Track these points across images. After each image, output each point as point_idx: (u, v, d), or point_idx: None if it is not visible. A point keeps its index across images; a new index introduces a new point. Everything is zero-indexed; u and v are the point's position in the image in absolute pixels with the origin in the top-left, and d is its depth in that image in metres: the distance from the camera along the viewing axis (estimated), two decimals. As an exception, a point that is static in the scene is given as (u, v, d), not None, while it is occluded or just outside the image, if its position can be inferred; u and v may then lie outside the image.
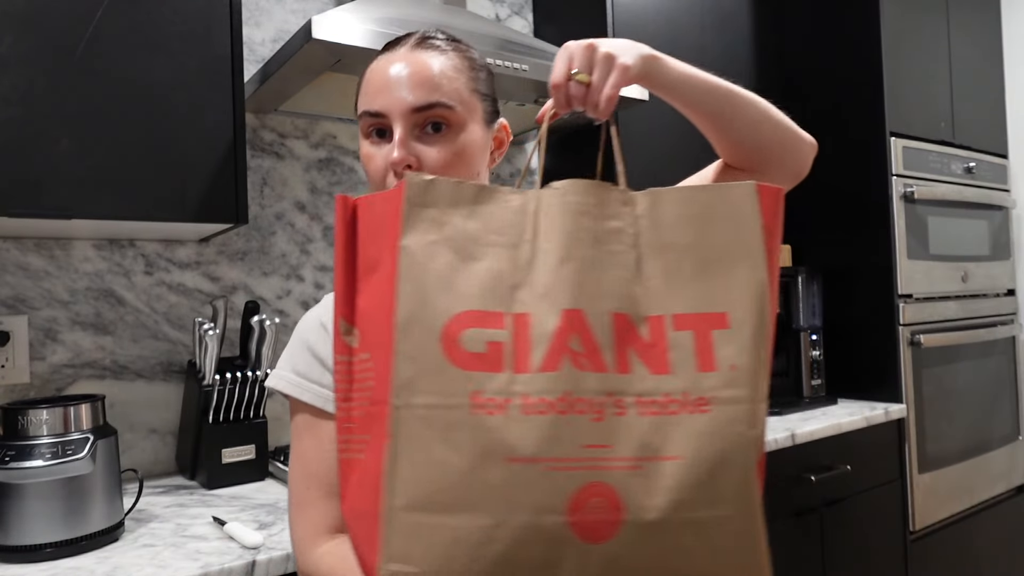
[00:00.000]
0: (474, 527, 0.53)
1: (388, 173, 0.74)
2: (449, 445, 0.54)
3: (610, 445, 0.54)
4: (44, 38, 1.07)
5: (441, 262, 0.57)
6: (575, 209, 0.60)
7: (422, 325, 0.56)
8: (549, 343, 0.56)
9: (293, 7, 1.64)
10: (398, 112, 0.73)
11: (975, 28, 2.43)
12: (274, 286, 1.59)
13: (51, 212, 1.07)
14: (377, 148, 0.75)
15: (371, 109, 0.74)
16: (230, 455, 1.31)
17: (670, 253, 0.60)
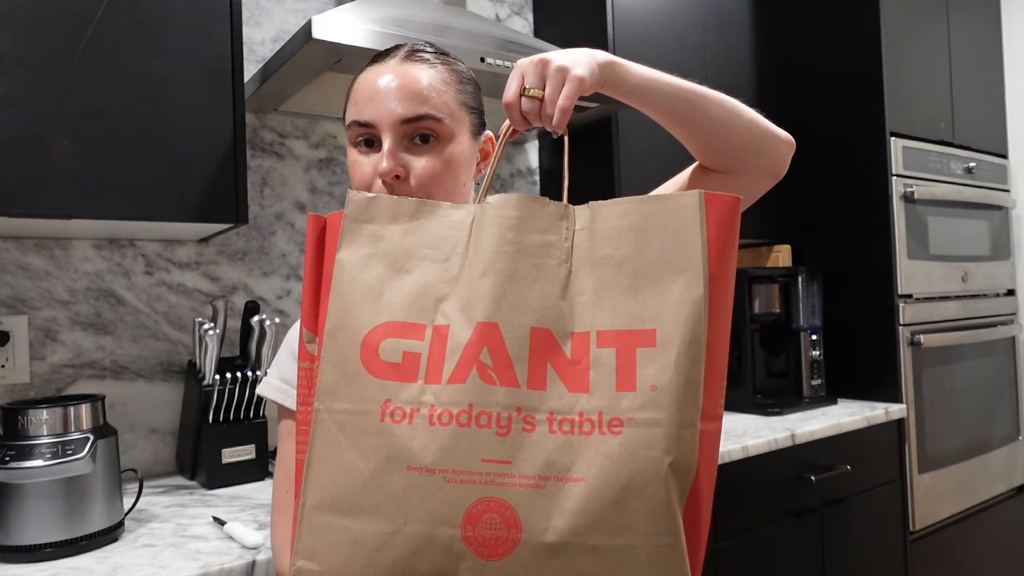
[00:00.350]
0: (373, 531, 0.54)
1: (375, 181, 0.75)
2: (358, 450, 0.55)
3: (509, 461, 0.54)
4: (44, 38, 1.07)
5: (372, 275, 0.59)
6: (505, 223, 0.59)
7: (346, 334, 0.58)
8: (460, 355, 0.56)
9: (293, 7, 1.64)
10: (387, 123, 0.74)
11: (975, 28, 2.43)
12: (274, 286, 1.59)
13: (51, 212, 1.07)
14: (365, 157, 0.77)
15: (360, 119, 0.76)
16: (230, 455, 1.31)
17: (604, 268, 0.58)
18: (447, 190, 0.77)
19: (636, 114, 1.83)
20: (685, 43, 1.96)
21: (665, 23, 1.92)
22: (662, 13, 1.91)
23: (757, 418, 1.84)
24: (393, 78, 0.75)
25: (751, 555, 1.59)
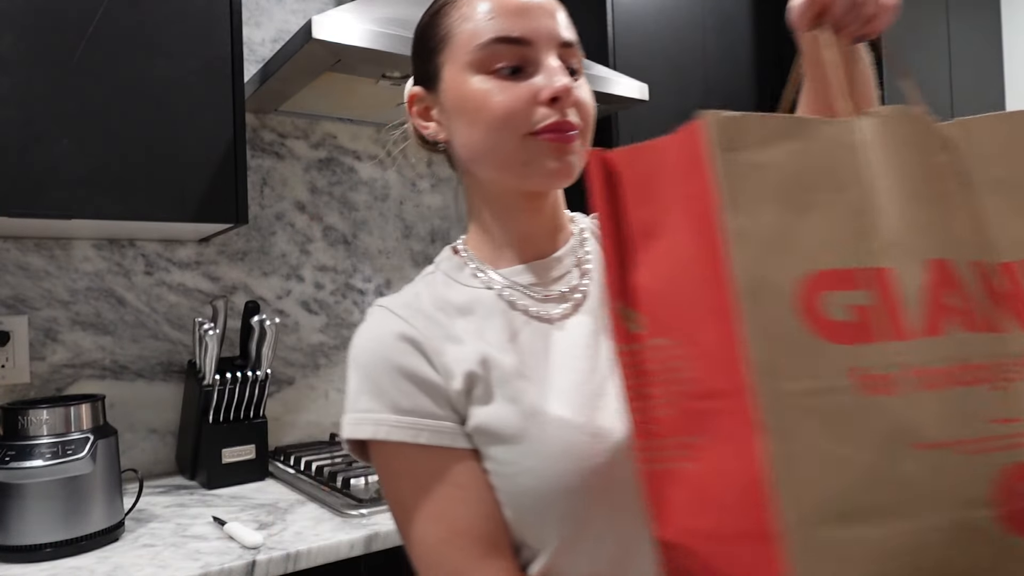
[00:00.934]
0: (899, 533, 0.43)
1: (531, 109, 0.60)
2: (842, 437, 0.43)
3: (1018, 419, 0.45)
4: (44, 38, 1.07)
5: (769, 216, 0.47)
6: (903, 140, 0.50)
7: (769, 294, 0.45)
8: (923, 301, 0.46)
9: (293, 7, 1.64)
10: (547, 40, 0.61)
11: (975, 28, 2.43)
12: (274, 286, 1.59)
13: (51, 212, 1.07)
14: (511, 84, 0.61)
15: (511, 34, 0.60)
16: (230, 455, 1.31)
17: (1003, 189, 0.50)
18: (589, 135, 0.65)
19: (636, 114, 1.83)
20: (685, 43, 1.96)
21: (665, 23, 1.92)
22: (662, 13, 1.91)
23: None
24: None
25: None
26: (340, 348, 1.66)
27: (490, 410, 0.60)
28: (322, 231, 1.66)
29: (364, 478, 1.25)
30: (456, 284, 0.67)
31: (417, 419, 0.61)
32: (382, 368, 0.62)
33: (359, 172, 1.72)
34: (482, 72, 0.62)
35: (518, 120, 0.60)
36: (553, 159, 0.61)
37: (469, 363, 0.61)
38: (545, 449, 0.58)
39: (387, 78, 1.38)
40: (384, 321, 0.64)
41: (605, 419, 0.59)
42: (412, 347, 0.62)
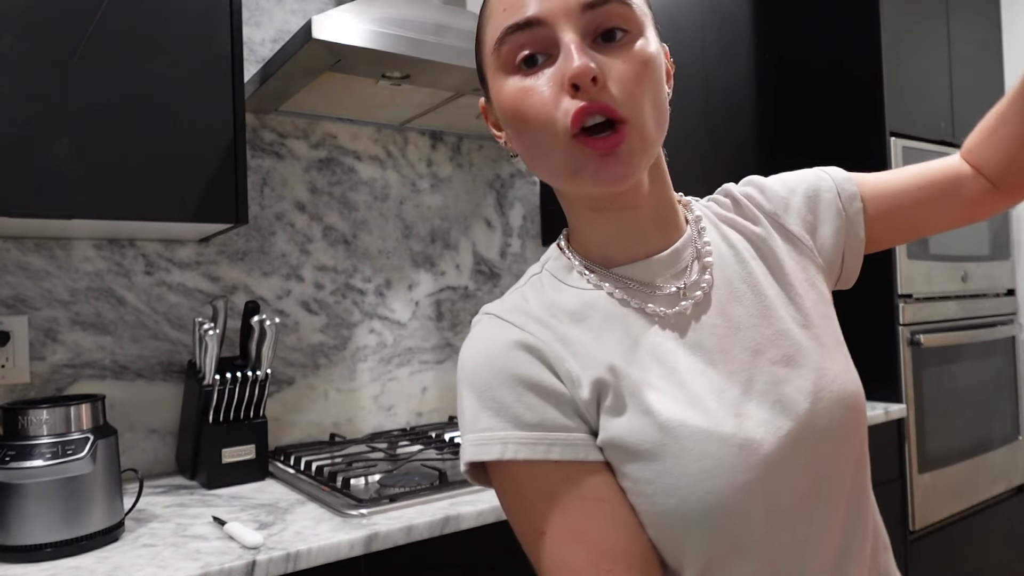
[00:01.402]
0: None
1: (559, 103, 0.53)
2: None
3: None
4: (44, 38, 1.07)
5: None
6: None
7: None
8: None
9: (293, 7, 1.64)
10: (563, 12, 0.53)
11: (975, 28, 2.43)
12: (274, 286, 1.59)
13: (51, 212, 1.07)
14: (532, 80, 0.54)
15: (520, 19, 0.53)
16: (230, 455, 1.31)
17: None
18: (654, 103, 0.55)
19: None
20: (685, 43, 1.96)
21: (665, 23, 1.92)
22: (662, 13, 1.91)
23: (757, 418, 1.83)
24: None
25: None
26: (340, 348, 1.66)
27: (622, 422, 0.55)
28: (322, 231, 1.66)
29: (364, 478, 1.25)
30: (564, 287, 0.62)
31: (546, 433, 0.55)
32: (500, 381, 0.56)
33: (359, 172, 1.72)
34: (510, 72, 0.56)
35: (556, 119, 0.53)
36: (598, 166, 0.53)
37: (596, 370, 0.56)
38: (687, 466, 0.53)
39: (387, 78, 1.38)
40: (495, 330, 0.58)
41: (751, 428, 0.54)
42: (531, 355, 0.56)
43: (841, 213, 0.69)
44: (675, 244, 0.62)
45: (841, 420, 0.57)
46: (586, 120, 0.52)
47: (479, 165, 1.93)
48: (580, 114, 0.52)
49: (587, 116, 0.52)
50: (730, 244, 0.64)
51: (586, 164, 0.53)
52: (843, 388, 0.59)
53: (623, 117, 0.53)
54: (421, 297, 1.80)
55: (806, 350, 0.60)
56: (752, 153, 2.14)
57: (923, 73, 2.18)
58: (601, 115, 0.52)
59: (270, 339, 1.35)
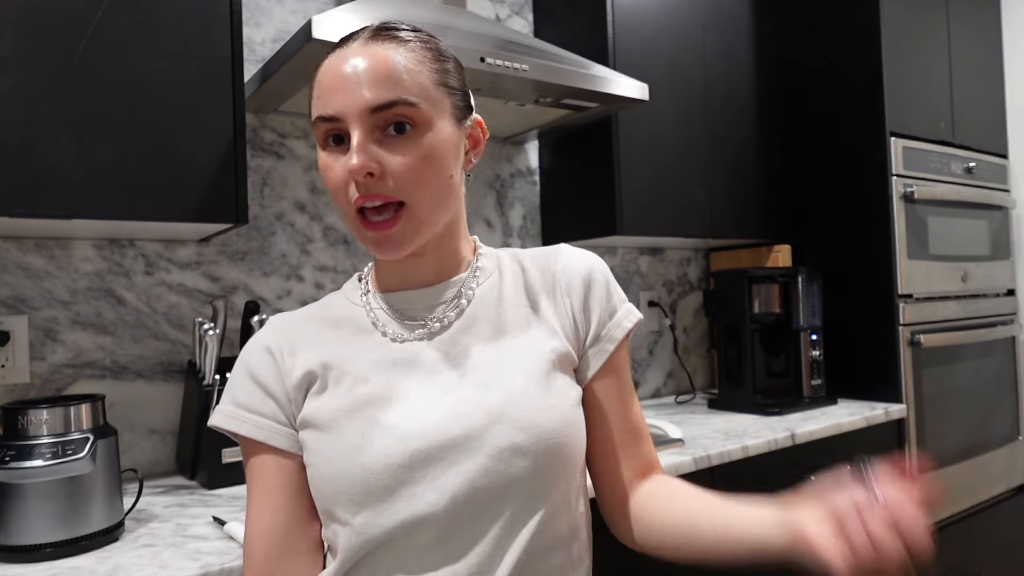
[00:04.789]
0: None
1: (349, 184, 0.66)
2: None
3: None
4: (44, 38, 1.07)
5: None
6: None
7: None
8: None
9: (293, 7, 1.64)
10: (354, 114, 0.65)
11: (975, 28, 2.43)
12: (274, 286, 1.59)
13: (51, 212, 1.07)
14: (335, 158, 0.67)
15: (325, 113, 0.66)
16: (230, 455, 1.31)
17: None
18: (432, 189, 0.67)
19: (636, 114, 1.83)
20: (685, 43, 1.96)
21: (665, 23, 1.92)
22: (662, 13, 1.91)
23: (757, 418, 1.84)
24: (359, 60, 0.65)
25: (751, 555, 1.59)
26: (340, 348, 1.66)
27: (319, 402, 0.69)
28: (322, 231, 1.66)
29: (364, 478, 1.25)
30: (345, 301, 0.77)
31: (245, 412, 0.71)
32: (240, 370, 0.74)
33: (359, 172, 1.72)
34: (322, 145, 0.69)
35: (342, 197, 0.67)
36: (372, 240, 0.67)
37: (311, 364, 0.71)
38: (348, 440, 0.66)
39: (387, 78, 1.38)
40: (262, 335, 0.75)
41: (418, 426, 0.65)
42: (268, 355, 0.73)
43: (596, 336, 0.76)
44: (442, 282, 0.75)
45: (518, 445, 0.65)
46: (364, 205, 0.66)
47: (479, 165, 1.92)
48: (358, 201, 0.66)
49: (363, 202, 0.66)
50: (499, 289, 0.75)
51: (368, 238, 0.68)
52: (531, 419, 0.66)
53: (400, 201, 0.67)
54: (421, 297, 1.80)
55: (510, 381, 0.68)
56: (752, 153, 2.14)
57: (923, 73, 2.18)
58: (373, 205, 0.66)
59: (270, 339, 1.35)
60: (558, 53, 1.56)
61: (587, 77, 1.55)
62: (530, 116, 1.73)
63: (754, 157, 2.15)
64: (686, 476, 1.41)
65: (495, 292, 0.75)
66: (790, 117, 2.24)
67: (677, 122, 1.94)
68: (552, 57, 1.52)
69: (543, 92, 1.55)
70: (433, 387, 0.69)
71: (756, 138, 2.15)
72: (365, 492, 0.64)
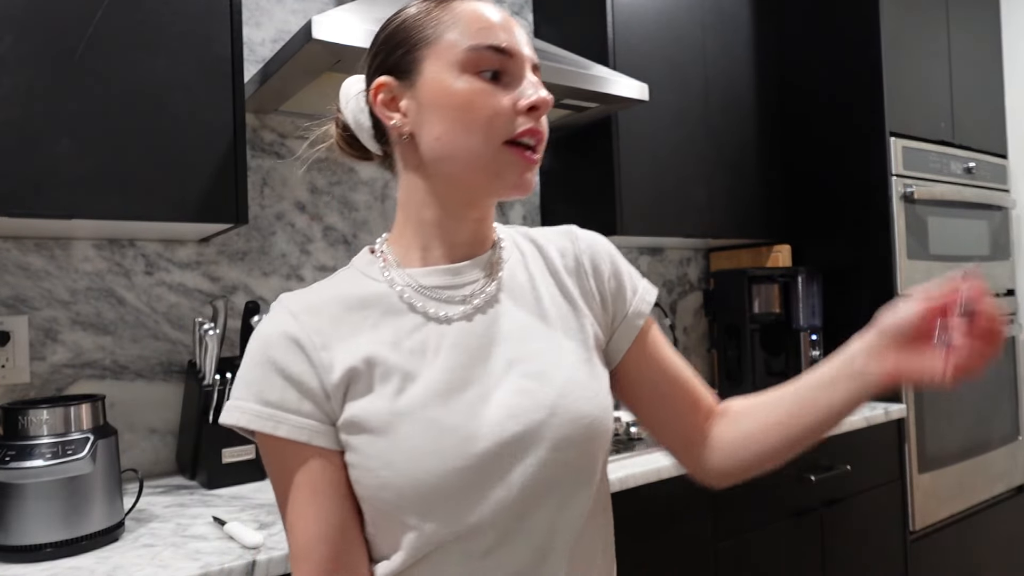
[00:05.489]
0: None
1: (510, 116, 0.65)
2: None
3: None
4: (44, 38, 1.07)
5: None
6: None
7: None
8: None
9: (293, 7, 1.64)
10: (524, 58, 0.67)
11: (975, 28, 2.43)
12: (274, 286, 1.59)
13: (51, 212, 1.07)
14: (491, 88, 0.65)
15: (500, 44, 0.65)
16: (230, 455, 1.31)
17: None
18: None
19: (636, 114, 1.83)
20: (685, 43, 1.96)
21: (665, 23, 1.92)
22: (662, 13, 1.91)
23: (757, 418, 1.83)
24: (508, 17, 0.68)
25: (751, 555, 1.59)
26: (340, 348, 1.66)
27: (365, 403, 0.64)
28: (322, 231, 1.66)
29: (364, 478, 1.25)
30: (364, 278, 0.70)
31: (278, 412, 0.63)
32: (259, 362, 0.65)
33: (359, 172, 1.72)
34: (467, 72, 0.65)
35: (500, 125, 0.64)
36: (519, 175, 0.66)
37: (353, 360, 0.64)
38: (408, 444, 0.62)
39: (387, 78, 1.38)
40: (274, 319, 0.68)
41: (479, 425, 0.63)
42: (293, 345, 0.65)
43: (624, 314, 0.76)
44: (477, 257, 0.71)
45: (570, 435, 0.65)
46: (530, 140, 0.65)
47: (479, 165, 1.92)
48: (533, 132, 0.65)
49: (534, 136, 0.65)
50: (526, 268, 0.73)
51: (510, 171, 0.65)
52: (581, 409, 0.67)
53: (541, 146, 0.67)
54: (421, 297, 1.80)
55: (561, 370, 0.68)
56: (752, 153, 2.14)
57: (923, 73, 2.18)
58: (536, 140, 0.66)
59: (270, 339, 1.35)
60: (558, 53, 1.56)
61: (587, 77, 1.55)
62: (530, 116, 1.73)
63: (754, 157, 2.15)
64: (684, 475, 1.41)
65: (524, 272, 0.73)
66: (790, 117, 2.24)
67: (677, 122, 1.94)
68: (552, 57, 1.52)
69: (543, 92, 1.55)
70: (485, 378, 0.66)
71: (756, 138, 2.16)
72: (434, 497, 0.61)
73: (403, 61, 0.68)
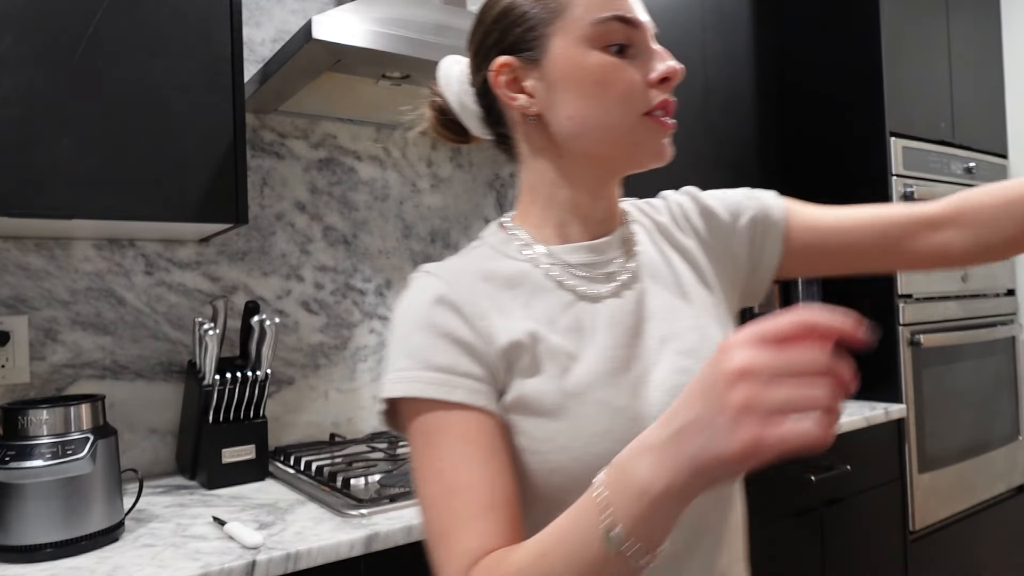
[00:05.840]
0: None
1: (645, 89, 0.64)
2: None
3: None
4: (44, 38, 1.07)
5: None
6: None
7: None
8: None
9: (293, 7, 1.64)
10: (650, 27, 0.66)
11: (975, 28, 2.43)
12: (274, 286, 1.59)
13: (51, 212, 1.07)
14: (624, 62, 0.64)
15: (628, 15, 0.63)
16: (230, 455, 1.30)
17: None
18: None
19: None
20: (685, 43, 1.96)
21: (665, 23, 1.92)
22: (662, 13, 1.91)
23: (757, 418, 1.84)
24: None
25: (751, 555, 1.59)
26: (340, 348, 1.66)
27: (534, 383, 0.61)
28: (322, 231, 1.66)
29: (364, 478, 1.25)
30: (503, 257, 0.68)
31: (452, 376, 0.60)
32: (419, 328, 0.61)
33: (359, 172, 1.72)
34: (596, 47, 0.63)
35: (637, 98, 0.63)
36: (660, 141, 0.65)
37: (516, 333, 0.62)
38: (582, 428, 0.59)
39: (387, 78, 1.38)
40: (425, 285, 0.64)
41: (645, 406, 0.62)
42: (451, 309, 0.62)
43: (759, 235, 0.75)
44: (613, 233, 0.70)
45: None
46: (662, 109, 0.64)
47: (479, 165, 1.93)
48: (666, 104, 0.64)
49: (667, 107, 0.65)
50: (655, 242, 0.72)
51: (650, 140, 0.65)
52: None
53: None
54: (421, 297, 1.80)
55: (710, 346, 0.66)
56: (752, 153, 2.14)
57: (923, 73, 2.18)
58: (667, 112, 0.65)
59: (270, 339, 1.35)
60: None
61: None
62: (530, 116, 1.73)
63: (754, 157, 2.15)
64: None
65: (654, 247, 0.72)
66: (790, 117, 2.24)
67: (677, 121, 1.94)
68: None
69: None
70: (643, 357, 0.64)
71: (756, 138, 2.16)
72: None
73: (525, 39, 0.65)
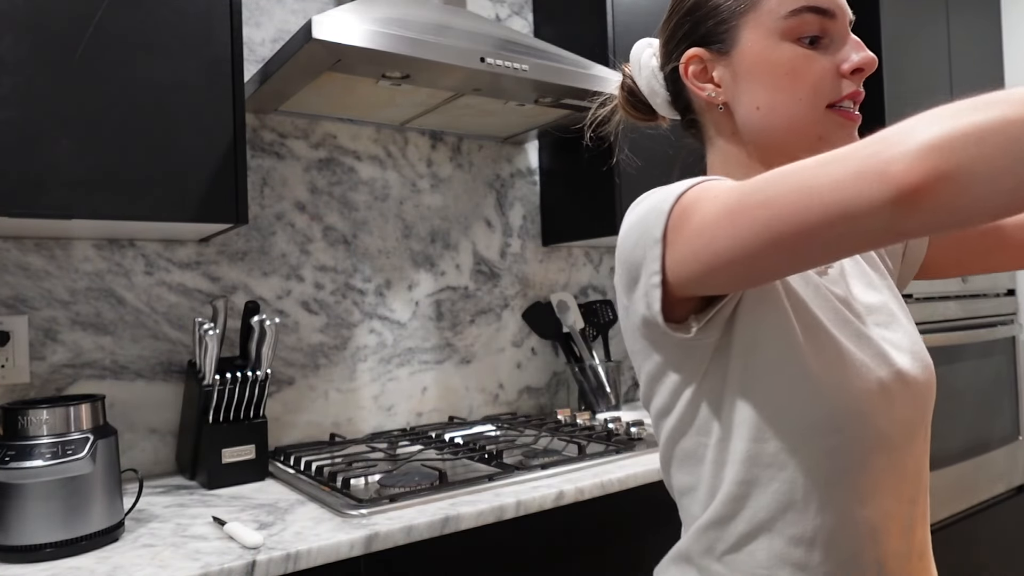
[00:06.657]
0: None
1: (836, 80, 0.64)
2: None
3: None
4: (44, 38, 1.07)
5: None
6: None
7: None
8: None
9: (293, 7, 1.64)
10: (845, 15, 0.66)
11: (975, 28, 2.43)
12: (274, 286, 1.59)
13: (51, 212, 1.07)
14: (812, 54, 0.64)
15: (822, 5, 0.63)
16: (230, 455, 1.31)
17: None
18: None
19: (636, 114, 1.83)
20: (685, 43, 1.96)
21: (665, 23, 1.91)
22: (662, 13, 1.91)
23: (757, 418, 1.83)
24: None
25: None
26: (340, 348, 1.66)
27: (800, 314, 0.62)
28: (322, 231, 1.66)
29: (364, 478, 1.25)
30: None
31: None
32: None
33: (359, 172, 1.72)
34: (788, 39, 0.63)
35: (826, 90, 0.63)
36: (845, 136, 0.64)
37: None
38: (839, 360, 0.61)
39: (387, 78, 1.38)
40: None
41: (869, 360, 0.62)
42: None
43: None
44: None
45: (925, 381, 0.65)
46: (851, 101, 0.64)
47: (479, 165, 1.93)
48: (855, 95, 0.64)
49: (856, 98, 0.64)
50: None
51: (834, 131, 0.64)
52: (925, 358, 0.67)
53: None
54: (421, 297, 1.80)
55: (899, 320, 0.69)
56: (752, 153, 2.14)
57: (923, 73, 2.18)
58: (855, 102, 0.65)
59: (270, 339, 1.35)
60: (558, 53, 1.56)
61: (587, 77, 1.55)
62: (530, 116, 1.73)
63: (754, 157, 2.14)
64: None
65: None
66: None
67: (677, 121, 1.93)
68: (552, 57, 1.52)
69: (543, 92, 1.55)
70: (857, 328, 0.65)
71: (756, 138, 2.15)
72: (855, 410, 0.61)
73: (716, 31, 0.67)
